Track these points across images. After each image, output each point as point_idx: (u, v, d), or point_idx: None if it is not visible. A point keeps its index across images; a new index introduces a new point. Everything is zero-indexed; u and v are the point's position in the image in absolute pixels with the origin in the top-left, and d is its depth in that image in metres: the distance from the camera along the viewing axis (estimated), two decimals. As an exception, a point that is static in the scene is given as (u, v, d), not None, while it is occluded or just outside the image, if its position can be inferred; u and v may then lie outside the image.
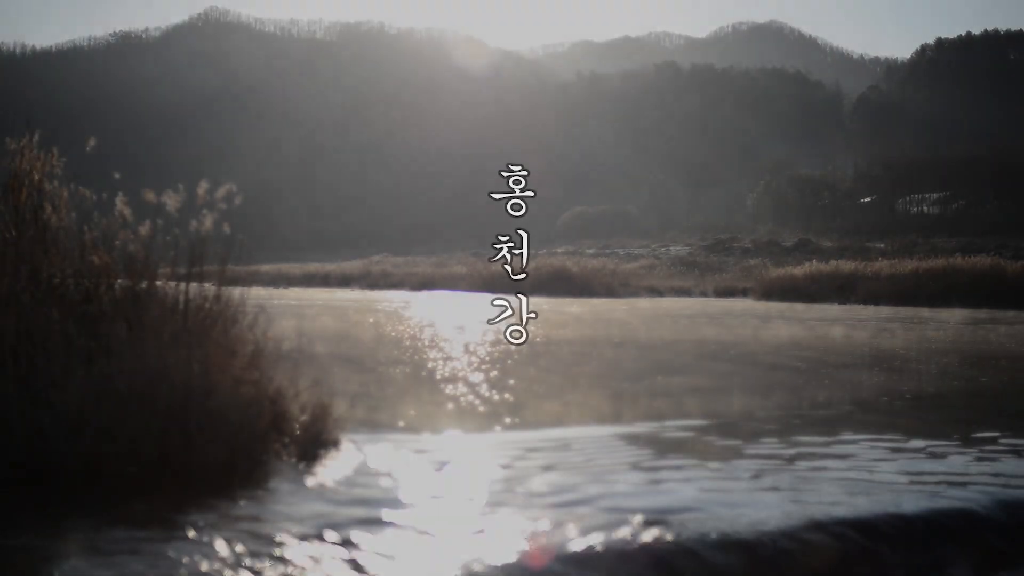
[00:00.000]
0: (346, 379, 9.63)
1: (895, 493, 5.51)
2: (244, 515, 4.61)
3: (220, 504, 4.78)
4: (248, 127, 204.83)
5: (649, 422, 8.17)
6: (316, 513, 4.67)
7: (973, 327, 22.94)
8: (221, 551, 4.08)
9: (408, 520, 4.62)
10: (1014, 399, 10.32)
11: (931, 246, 69.99)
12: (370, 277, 62.07)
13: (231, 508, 4.73)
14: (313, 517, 4.60)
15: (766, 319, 26.86)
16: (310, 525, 4.46)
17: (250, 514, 4.63)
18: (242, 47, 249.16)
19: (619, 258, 74.59)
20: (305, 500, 4.92)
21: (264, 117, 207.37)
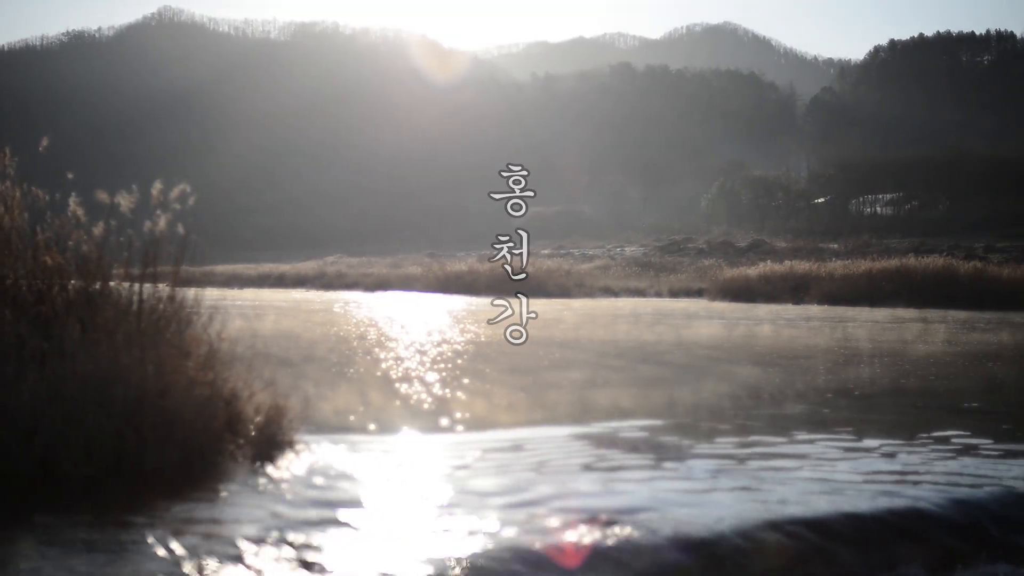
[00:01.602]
0: (300, 380, 9.61)
1: (849, 492, 5.54)
2: (199, 516, 4.60)
3: (175, 505, 4.76)
4: (202, 127, 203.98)
5: (604, 422, 8.17)
6: (271, 514, 4.67)
7: (898, 325, 23.10)
8: (176, 552, 4.07)
9: (363, 521, 4.62)
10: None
11: (884, 247, 70.26)
12: (325, 278, 61.88)
13: (186, 509, 4.72)
14: (268, 518, 4.60)
15: (697, 318, 27.06)
16: (265, 526, 4.46)
17: (205, 515, 4.62)
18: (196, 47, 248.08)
19: (574, 259, 74.57)
20: (260, 501, 4.91)
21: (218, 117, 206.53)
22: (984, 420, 8.77)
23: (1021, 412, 9.54)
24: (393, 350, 14.26)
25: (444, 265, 57.47)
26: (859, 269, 39.82)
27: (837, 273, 40.09)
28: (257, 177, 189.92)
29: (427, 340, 16.37)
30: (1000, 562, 4.93)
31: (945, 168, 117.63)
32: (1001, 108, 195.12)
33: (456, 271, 51.00)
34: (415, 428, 7.52)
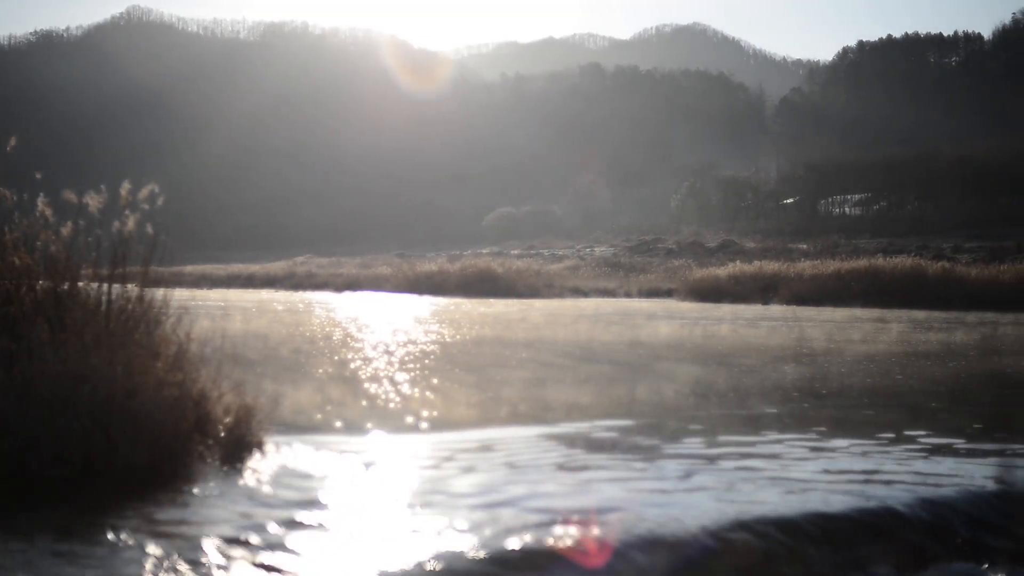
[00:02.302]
0: (269, 381, 9.59)
1: (819, 492, 5.56)
2: (168, 518, 4.59)
3: (144, 507, 4.75)
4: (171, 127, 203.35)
5: (573, 422, 8.18)
6: (240, 515, 4.65)
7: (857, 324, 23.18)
8: (145, 554, 4.06)
9: (333, 522, 4.62)
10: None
11: (853, 247, 70.53)
12: (295, 278, 61.88)
13: (155, 511, 4.70)
14: (237, 519, 4.59)
15: (656, 318, 27.15)
16: (234, 527, 4.45)
17: (174, 517, 4.61)
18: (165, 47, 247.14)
19: (544, 259, 74.72)
20: (229, 502, 4.90)
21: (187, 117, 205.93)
22: (951, 420, 8.81)
23: (987, 411, 9.58)
24: (361, 350, 14.25)
25: (414, 265, 57.54)
26: (828, 269, 40.00)
27: (806, 273, 40.27)
28: (226, 178, 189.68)
29: (395, 340, 16.37)
30: (969, 561, 4.96)
31: (914, 169, 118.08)
32: (969, 109, 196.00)
33: (426, 271, 51.06)
34: (384, 428, 7.51)
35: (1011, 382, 11.97)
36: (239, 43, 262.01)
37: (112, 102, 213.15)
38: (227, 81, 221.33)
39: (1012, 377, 12.43)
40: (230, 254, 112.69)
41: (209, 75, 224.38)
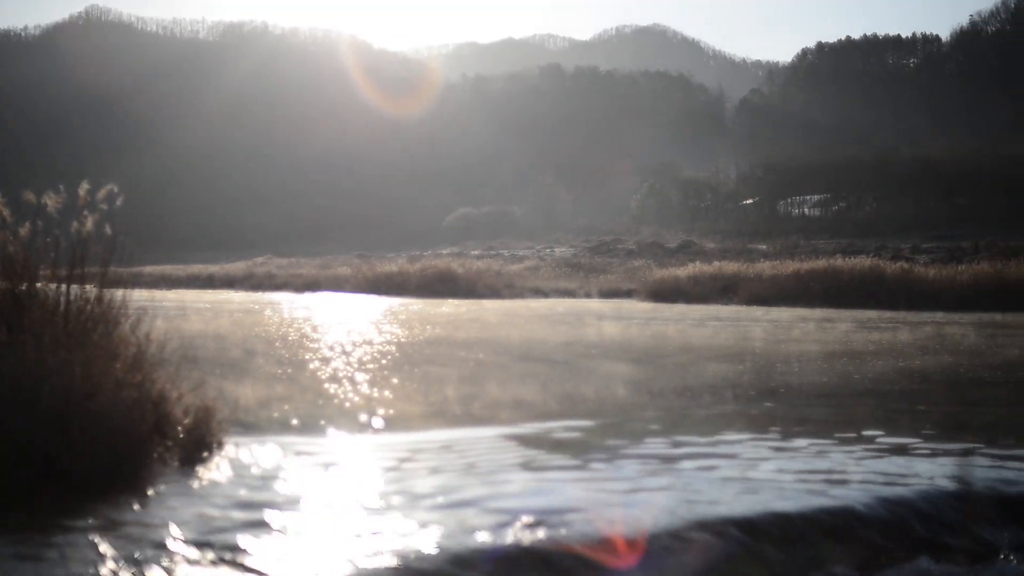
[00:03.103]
0: (229, 381, 9.57)
1: (778, 491, 5.58)
2: (127, 519, 4.57)
3: (103, 508, 4.73)
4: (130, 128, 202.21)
5: (533, 423, 8.19)
6: (200, 516, 4.64)
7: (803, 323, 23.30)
8: (104, 556, 4.05)
9: (293, 523, 4.61)
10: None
11: (812, 247, 70.77)
12: (254, 278, 61.73)
13: (114, 512, 4.68)
14: (197, 520, 4.57)
15: (611, 319, 27.20)
16: (194, 529, 4.44)
17: (133, 518, 4.60)
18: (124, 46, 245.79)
19: (504, 259, 74.63)
20: (189, 503, 4.89)
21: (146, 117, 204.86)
22: (909, 419, 8.84)
23: (945, 411, 9.63)
24: (321, 351, 14.23)
25: (374, 266, 57.48)
26: (787, 270, 40.12)
27: (765, 274, 40.37)
28: (185, 178, 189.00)
29: (355, 340, 16.35)
30: (928, 560, 4.98)
31: (872, 169, 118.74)
32: (927, 110, 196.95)
33: (386, 272, 50.99)
34: (344, 429, 7.50)
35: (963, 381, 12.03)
36: (199, 43, 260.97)
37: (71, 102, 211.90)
38: (187, 81, 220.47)
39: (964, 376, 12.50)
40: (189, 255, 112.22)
41: (169, 75, 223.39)
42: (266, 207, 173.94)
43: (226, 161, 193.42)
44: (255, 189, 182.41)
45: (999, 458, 6.73)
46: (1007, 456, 6.80)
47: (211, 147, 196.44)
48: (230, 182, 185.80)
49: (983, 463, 6.57)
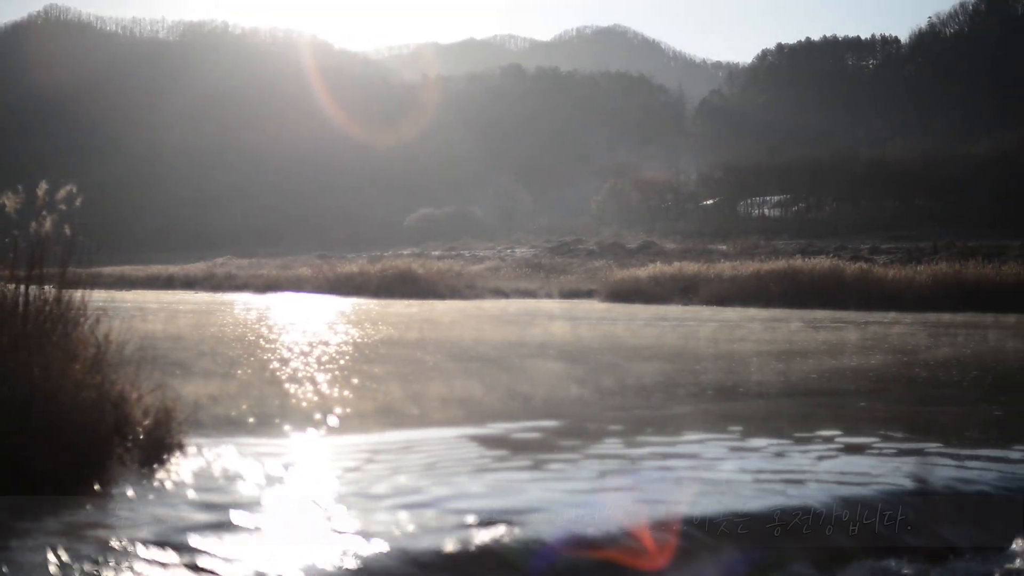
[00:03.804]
0: (189, 382, 9.55)
1: (738, 491, 5.59)
2: (86, 521, 4.56)
3: (62, 510, 4.71)
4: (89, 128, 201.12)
5: (493, 423, 8.21)
6: (160, 518, 4.63)
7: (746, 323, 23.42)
8: (64, 558, 4.03)
9: (254, 524, 4.60)
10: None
11: (772, 248, 70.96)
12: (214, 279, 61.53)
13: (73, 514, 4.67)
14: (157, 522, 4.56)
15: (562, 319, 27.35)
16: (154, 530, 4.42)
17: (93, 520, 4.58)
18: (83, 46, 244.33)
19: (465, 260, 74.51)
20: (149, 505, 4.87)
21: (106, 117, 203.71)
22: (868, 420, 8.89)
23: (902, 410, 9.68)
24: (281, 352, 14.22)
25: (334, 267, 57.38)
26: (747, 270, 40.18)
27: (725, 274, 40.41)
28: (145, 178, 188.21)
29: (316, 341, 16.35)
30: (888, 559, 5.00)
31: (832, 170, 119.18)
32: (886, 111, 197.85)
33: (347, 273, 50.93)
34: (304, 430, 7.49)
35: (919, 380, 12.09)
36: (158, 43, 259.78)
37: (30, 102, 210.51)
38: (147, 81, 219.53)
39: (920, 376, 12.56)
40: (149, 255, 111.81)
41: (128, 75, 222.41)
42: (226, 208, 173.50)
43: (186, 161, 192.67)
44: (215, 190, 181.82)
45: (957, 457, 6.76)
46: (965, 455, 6.84)
47: (171, 147, 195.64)
48: (190, 182, 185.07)
49: (942, 462, 6.60)
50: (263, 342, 16.13)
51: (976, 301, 32.16)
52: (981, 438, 7.79)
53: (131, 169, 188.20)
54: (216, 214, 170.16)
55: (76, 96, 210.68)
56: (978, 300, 32.28)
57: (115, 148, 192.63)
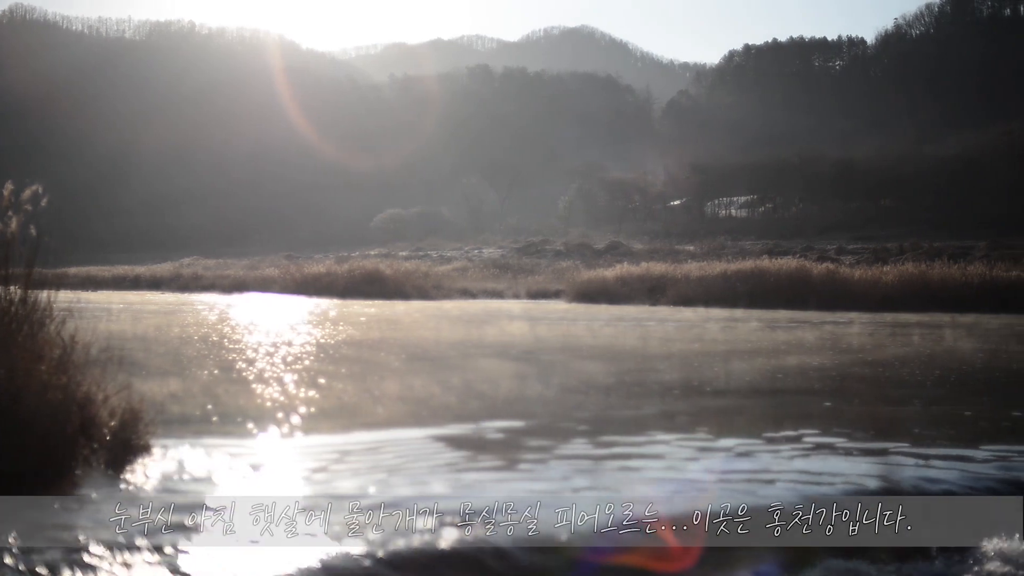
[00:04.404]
0: (156, 383, 9.52)
1: (704, 491, 5.61)
2: (53, 522, 4.54)
3: (28, 511, 4.69)
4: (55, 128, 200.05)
5: (461, 424, 8.21)
6: (126, 519, 4.61)
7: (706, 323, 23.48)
8: (29, 560, 4.01)
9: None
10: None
11: (739, 248, 71.18)
12: (181, 279, 61.35)
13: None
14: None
15: (521, 319, 27.44)
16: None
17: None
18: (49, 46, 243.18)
19: (432, 260, 74.42)
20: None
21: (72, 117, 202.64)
22: (833, 420, 8.91)
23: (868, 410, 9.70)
24: (247, 353, 14.18)
25: (301, 267, 57.25)
26: (714, 271, 40.16)
27: (693, 275, 40.38)
28: (112, 178, 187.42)
29: (281, 342, 16.32)
30: (855, 560, 5.02)
31: (798, 171, 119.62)
32: (852, 112, 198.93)
33: (314, 273, 50.81)
34: (271, 430, 7.48)
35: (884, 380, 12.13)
36: (125, 43, 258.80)
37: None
38: (113, 81, 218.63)
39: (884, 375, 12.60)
40: (115, 255, 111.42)
41: (94, 75, 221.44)
42: (193, 208, 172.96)
43: (152, 162, 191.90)
44: (181, 190, 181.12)
45: (922, 457, 6.79)
46: (930, 455, 6.86)
47: (137, 147, 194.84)
48: (156, 183, 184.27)
49: (908, 462, 6.63)
50: (229, 343, 16.08)
51: (942, 301, 32.27)
52: (945, 438, 7.81)
53: (97, 169, 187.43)
54: (183, 214, 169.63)
55: (41, 96, 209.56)
56: (944, 300, 32.39)
57: (81, 148, 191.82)
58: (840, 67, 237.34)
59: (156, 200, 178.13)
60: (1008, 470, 6.45)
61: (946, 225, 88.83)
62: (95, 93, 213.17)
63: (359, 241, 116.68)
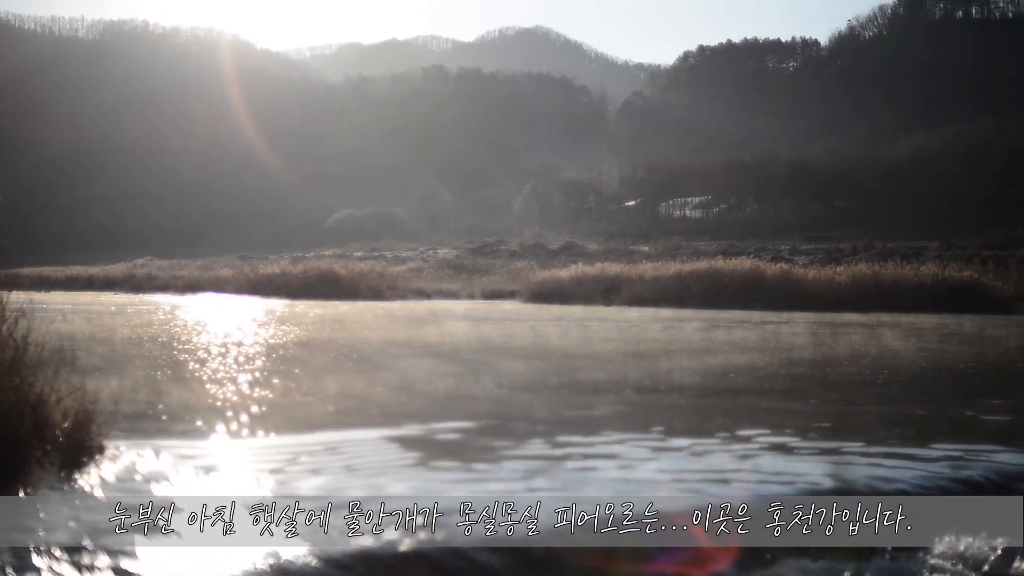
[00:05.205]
0: (110, 384, 9.48)
1: (659, 491, 5.62)
2: (4, 525, 4.51)
3: (-21, 513, 4.67)
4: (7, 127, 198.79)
5: (417, 424, 8.22)
6: (80, 521, 4.59)
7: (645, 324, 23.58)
8: (-21, 561, 3.99)
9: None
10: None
11: (694, 249, 71.45)
12: (135, 280, 61.01)
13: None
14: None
15: (464, 319, 27.52)
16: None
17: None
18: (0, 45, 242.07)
19: (387, 261, 74.29)
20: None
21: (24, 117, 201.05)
22: (787, 420, 8.94)
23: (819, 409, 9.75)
24: (199, 353, 14.15)
25: (256, 268, 57.06)
26: (669, 271, 40.22)
27: (647, 275, 40.42)
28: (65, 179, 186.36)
29: (233, 342, 16.30)
30: (810, 559, 5.04)
31: (753, 172, 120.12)
32: (806, 113, 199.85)
33: (268, 274, 50.64)
34: (224, 431, 7.46)
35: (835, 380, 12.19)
36: (78, 42, 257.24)
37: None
38: (65, 80, 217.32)
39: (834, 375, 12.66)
40: (68, 256, 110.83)
41: (47, 74, 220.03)
42: (146, 209, 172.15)
43: (105, 162, 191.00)
44: (135, 190, 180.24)
45: (875, 456, 6.83)
46: (883, 454, 6.90)
47: (90, 147, 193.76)
48: (109, 183, 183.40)
49: (861, 461, 6.66)
50: (181, 344, 16.03)
51: (895, 302, 32.48)
52: (897, 437, 7.85)
53: (50, 169, 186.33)
54: (136, 215, 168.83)
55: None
56: (897, 301, 32.59)
57: (33, 148, 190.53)
58: (794, 68, 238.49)
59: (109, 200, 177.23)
60: (960, 469, 6.49)
61: (899, 226, 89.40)
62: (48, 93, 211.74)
63: (313, 242, 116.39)
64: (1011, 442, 7.60)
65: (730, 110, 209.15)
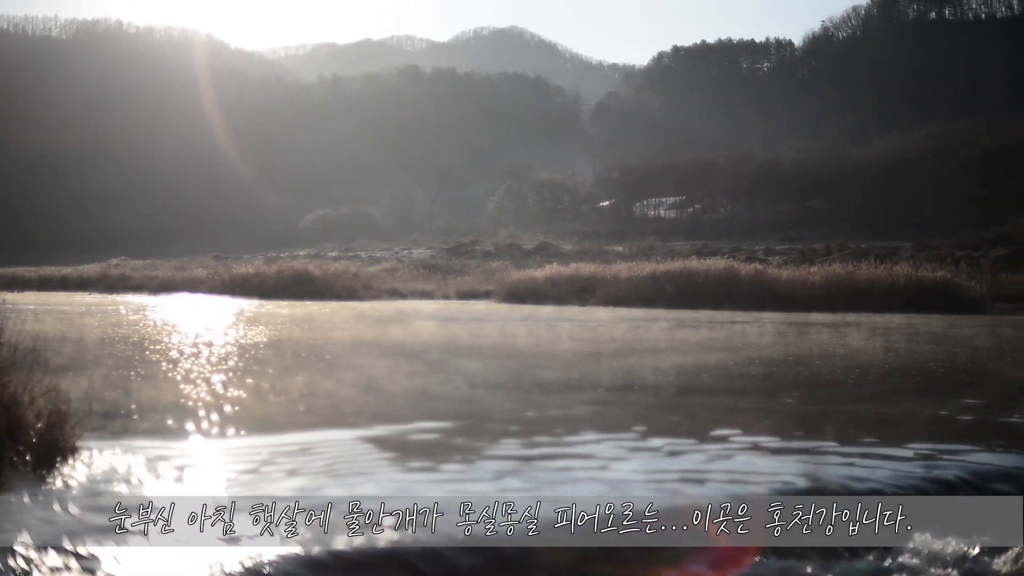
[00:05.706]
0: (83, 385, 9.46)
1: (634, 491, 5.64)
2: (-24, 525, 4.51)
3: (-48, 514, 4.66)
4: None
5: (393, 424, 8.22)
6: (51, 521, 4.59)
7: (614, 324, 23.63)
8: (-47, 562, 3.99)
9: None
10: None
11: (668, 249, 71.42)
12: (109, 280, 60.72)
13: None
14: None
15: (433, 319, 27.57)
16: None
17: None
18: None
19: (362, 261, 74.12)
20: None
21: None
22: (759, 420, 8.96)
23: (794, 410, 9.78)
24: (172, 353, 14.12)
25: (230, 268, 56.87)
26: (643, 271, 40.17)
27: (622, 275, 40.37)
28: (39, 179, 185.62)
29: (205, 342, 16.27)
30: (782, 557, 5.06)
31: (727, 172, 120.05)
32: (779, 113, 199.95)
33: (242, 274, 50.47)
34: (197, 431, 7.45)
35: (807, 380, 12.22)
36: (51, 41, 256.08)
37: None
38: (39, 80, 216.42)
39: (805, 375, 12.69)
40: (42, 256, 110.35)
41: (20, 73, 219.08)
42: (120, 208, 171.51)
43: (79, 162, 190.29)
44: (109, 190, 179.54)
45: (849, 456, 6.86)
46: (856, 454, 6.93)
47: (64, 147, 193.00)
48: (83, 183, 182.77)
49: (834, 461, 6.69)
50: (154, 344, 15.99)
51: (868, 301, 32.51)
52: (871, 437, 7.88)
53: (23, 169, 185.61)
54: (110, 214, 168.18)
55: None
56: (870, 300, 32.63)
57: (5, 148, 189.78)
58: (768, 69, 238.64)
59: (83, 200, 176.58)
60: (932, 468, 6.52)
61: (873, 226, 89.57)
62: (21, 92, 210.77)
63: (288, 242, 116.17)
64: (982, 441, 7.64)
65: (704, 110, 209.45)
